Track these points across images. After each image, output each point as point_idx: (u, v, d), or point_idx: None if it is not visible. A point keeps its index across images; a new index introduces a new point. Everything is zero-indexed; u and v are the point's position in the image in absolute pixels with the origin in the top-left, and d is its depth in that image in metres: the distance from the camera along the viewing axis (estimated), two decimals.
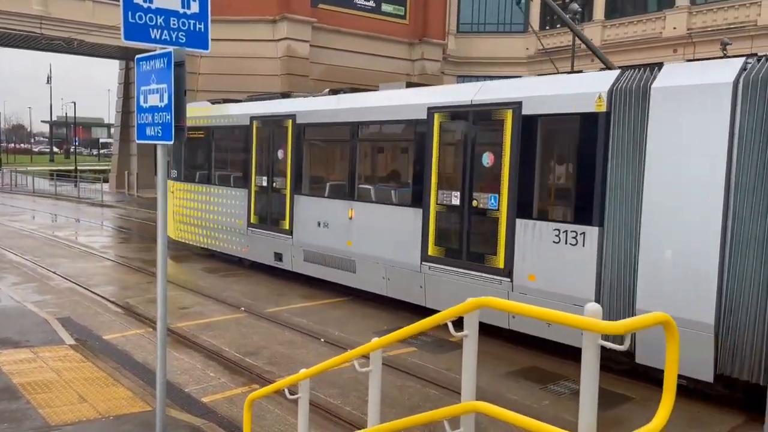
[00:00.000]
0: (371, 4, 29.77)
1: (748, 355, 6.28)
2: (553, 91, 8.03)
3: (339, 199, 11.27)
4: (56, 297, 11.32)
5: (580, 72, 8.71)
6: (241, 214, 13.65)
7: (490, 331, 8.20)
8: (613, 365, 7.45)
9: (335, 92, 12.12)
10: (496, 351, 8.43)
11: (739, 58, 6.62)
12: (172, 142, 4.87)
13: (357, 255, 10.86)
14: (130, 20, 4.78)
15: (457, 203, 9.12)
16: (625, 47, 28.43)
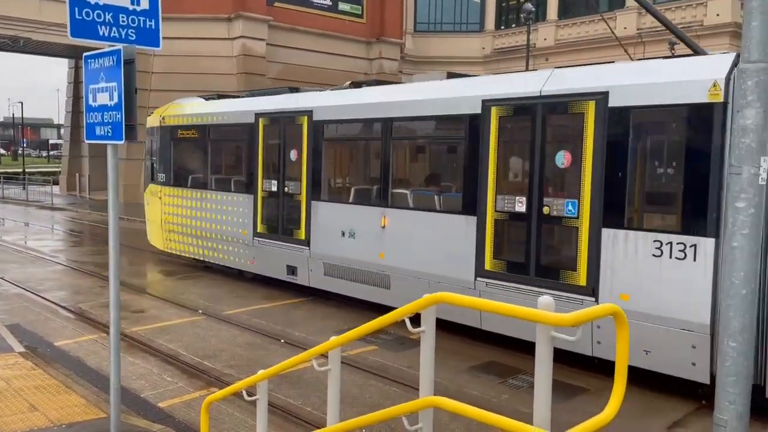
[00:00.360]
0: (328, 2, 29.72)
1: None
2: (649, 79, 6.99)
3: (368, 206, 9.98)
4: (4, 303, 10.94)
5: (679, 57, 7.56)
6: (246, 223, 12.22)
7: (451, 328, 8.30)
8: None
9: (357, 84, 10.94)
10: (456, 347, 8.51)
11: None
12: (122, 142, 4.81)
13: (391, 269, 9.60)
14: (77, 17, 4.67)
15: (523, 210, 7.96)
16: (578, 47, 29.10)
